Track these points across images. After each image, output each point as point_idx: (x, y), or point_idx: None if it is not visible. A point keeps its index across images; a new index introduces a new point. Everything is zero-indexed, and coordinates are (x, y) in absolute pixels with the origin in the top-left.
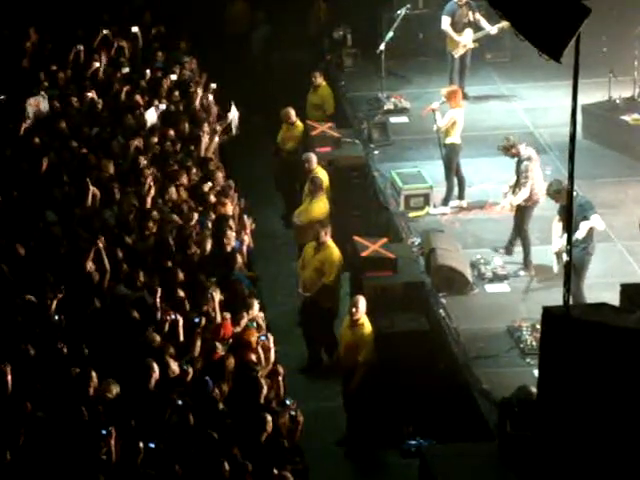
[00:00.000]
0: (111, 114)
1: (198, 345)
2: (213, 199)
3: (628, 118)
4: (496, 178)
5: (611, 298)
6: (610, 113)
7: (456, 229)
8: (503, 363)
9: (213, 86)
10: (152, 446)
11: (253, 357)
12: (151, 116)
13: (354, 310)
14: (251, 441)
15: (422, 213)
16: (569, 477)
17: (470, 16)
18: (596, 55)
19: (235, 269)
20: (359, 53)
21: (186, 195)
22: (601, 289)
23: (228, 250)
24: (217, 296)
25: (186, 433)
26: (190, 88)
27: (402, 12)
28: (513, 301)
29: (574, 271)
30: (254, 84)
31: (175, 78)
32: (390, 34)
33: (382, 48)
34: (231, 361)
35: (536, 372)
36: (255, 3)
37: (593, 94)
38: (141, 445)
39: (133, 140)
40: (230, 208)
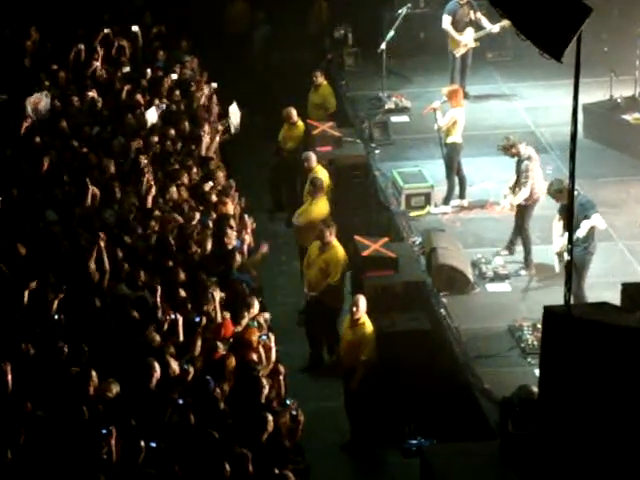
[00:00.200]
0: (112, 113)
1: (199, 344)
2: (214, 198)
3: (629, 117)
4: (497, 177)
5: (612, 297)
6: (611, 112)
7: (457, 228)
8: (504, 362)
9: (214, 85)
10: (153, 445)
11: (254, 356)
12: (152, 115)
13: (354, 309)
14: (252, 441)
15: (423, 212)
16: (570, 476)
17: (471, 15)
18: (597, 54)
19: (235, 268)
20: (360, 52)
21: (187, 194)
22: (602, 288)
23: (229, 249)
24: (217, 296)
25: (187, 432)
26: (191, 87)
27: (403, 11)
28: (514, 300)
29: (575, 270)
30: (255, 84)
31: (176, 77)
32: (391, 33)
33: (383, 47)
34: (232, 360)
35: (537, 371)
36: (256, 3)
37: (594, 93)
38: (142, 444)
39: (134, 140)
40: (231, 207)
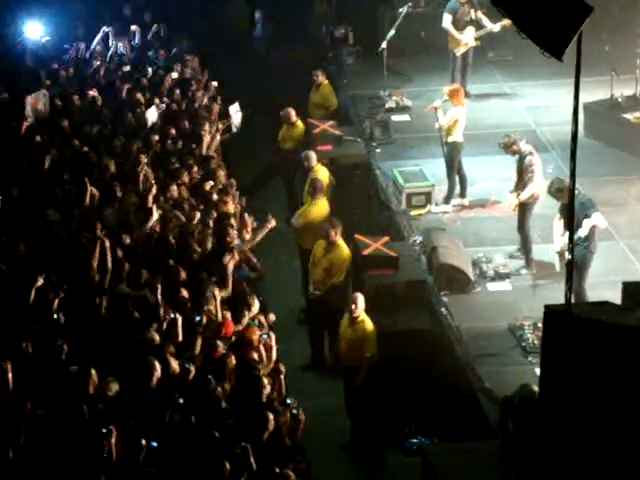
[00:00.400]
0: (112, 112)
1: (199, 344)
2: (215, 197)
3: (630, 116)
4: (498, 176)
5: (613, 296)
6: (612, 111)
7: (458, 227)
8: (505, 361)
9: (214, 84)
10: (154, 445)
11: (255, 355)
12: (152, 115)
13: (353, 307)
14: (253, 440)
15: (424, 211)
16: (571, 476)
17: (472, 14)
18: (598, 53)
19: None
20: (361, 51)
21: (187, 193)
22: (603, 287)
23: (229, 248)
24: (218, 295)
25: (188, 432)
26: (191, 86)
27: (404, 10)
28: (515, 299)
29: (576, 269)
30: (255, 83)
31: (176, 76)
32: (392, 32)
33: (384, 46)
34: (232, 359)
35: (538, 370)
36: (256, 1)
37: (595, 92)
38: (143, 443)
39: (134, 140)
40: (232, 206)
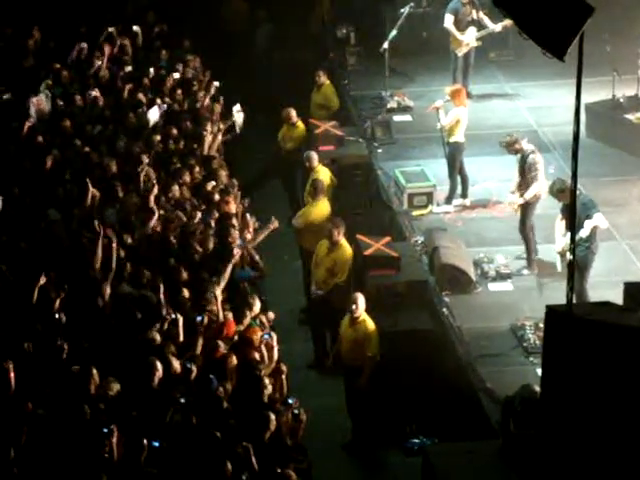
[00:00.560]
0: (114, 112)
1: (200, 344)
2: (217, 197)
3: (632, 117)
4: (499, 176)
5: (614, 297)
6: (614, 112)
7: (459, 227)
8: (506, 362)
9: (216, 84)
10: (156, 445)
11: (256, 356)
12: (153, 115)
13: (354, 307)
14: (254, 440)
15: (425, 211)
16: (572, 476)
17: (473, 14)
18: (600, 54)
19: (235, 266)
20: (362, 51)
21: (189, 193)
22: (605, 288)
23: (230, 248)
24: (220, 295)
25: (189, 432)
26: (193, 86)
27: (406, 10)
28: (516, 300)
29: (577, 270)
30: (257, 83)
31: (178, 76)
32: (394, 32)
33: (386, 46)
34: (232, 359)
35: (539, 371)
36: (257, 1)
37: (597, 93)
38: (144, 443)
39: (135, 141)
40: (233, 207)
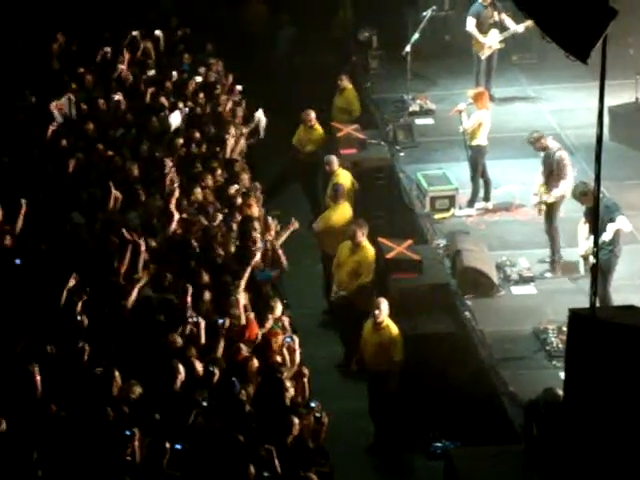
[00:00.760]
0: (136, 116)
1: (221, 346)
2: (239, 200)
3: None
4: (522, 180)
5: (638, 300)
6: (637, 114)
7: (482, 231)
8: (529, 365)
9: (239, 88)
10: (178, 448)
11: (278, 359)
12: (175, 119)
13: (377, 312)
14: (277, 443)
15: (447, 215)
16: None
17: (495, 17)
18: (623, 56)
19: (255, 268)
20: (385, 55)
21: (212, 196)
22: (628, 291)
23: (252, 250)
24: (242, 299)
25: (212, 435)
26: (216, 90)
27: (428, 13)
28: (539, 303)
29: (601, 273)
30: (278, 86)
31: (200, 80)
32: (416, 36)
33: (408, 50)
34: (254, 362)
35: (562, 374)
36: (279, 5)
37: (620, 95)
38: (167, 446)
39: (158, 144)
40: (256, 209)
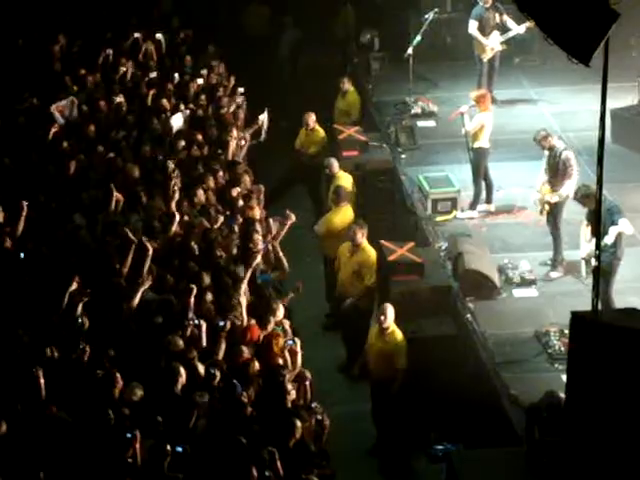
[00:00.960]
0: (137, 118)
1: (222, 349)
2: (241, 203)
3: None
4: (524, 182)
5: None
6: (639, 117)
7: (483, 233)
8: (531, 368)
9: (241, 90)
10: (180, 450)
11: (280, 361)
12: (177, 121)
13: (382, 318)
14: (278, 445)
15: (449, 217)
16: None
17: (497, 19)
18: (625, 59)
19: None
20: (386, 57)
21: (214, 198)
22: (630, 294)
23: (253, 252)
24: (244, 301)
25: (214, 437)
26: (218, 92)
27: (430, 16)
28: (541, 306)
29: (603, 276)
30: (281, 88)
31: (202, 82)
32: (418, 38)
33: (410, 52)
34: (255, 365)
35: (564, 377)
36: (281, 7)
37: (622, 98)
38: (168, 449)
39: (160, 146)
40: (257, 212)
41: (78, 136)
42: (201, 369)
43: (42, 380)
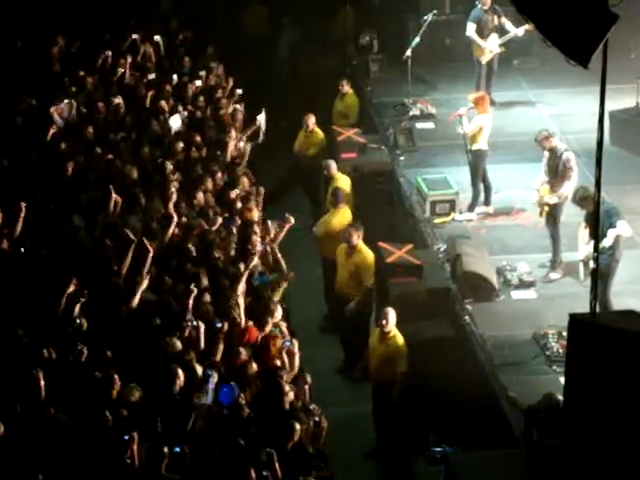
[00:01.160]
0: (136, 119)
1: (220, 350)
2: (239, 205)
3: None
4: (523, 184)
5: (638, 305)
6: (638, 119)
7: (482, 235)
8: (529, 370)
9: (239, 92)
10: (177, 450)
11: (277, 362)
12: (175, 122)
13: (384, 322)
14: (277, 447)
15: (448, 219)
16: None
17: (495, 21)
18: (624, 61)
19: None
20: (385, 59)
21: (212, 200)
22: (628, 296)
23: (251, 254)
24: (242, 302)
25: (212, 438)
26: (216, 94)
27: (429, 18)
28: (539, 308)
29: (601, 278)
30: (280, 89)
31: (200, 84)
32: (417, 40)
33: (408, 54)
34: (252, 366)
35: (562, 380)
36: (280, 8)
37: (621, 100)
38: (165, 450)
39: (158, 148)
40: (256, 214)
41: (77, 137)
42: (200, 371)
43: (42, 382)
